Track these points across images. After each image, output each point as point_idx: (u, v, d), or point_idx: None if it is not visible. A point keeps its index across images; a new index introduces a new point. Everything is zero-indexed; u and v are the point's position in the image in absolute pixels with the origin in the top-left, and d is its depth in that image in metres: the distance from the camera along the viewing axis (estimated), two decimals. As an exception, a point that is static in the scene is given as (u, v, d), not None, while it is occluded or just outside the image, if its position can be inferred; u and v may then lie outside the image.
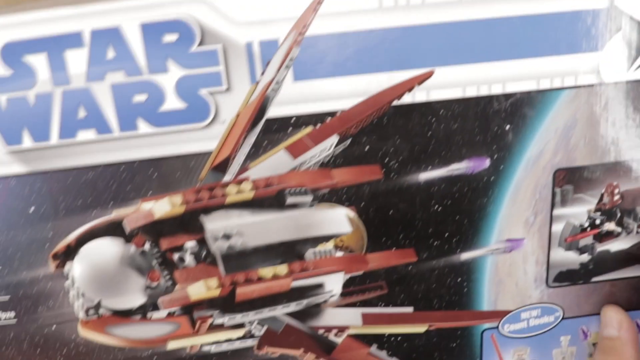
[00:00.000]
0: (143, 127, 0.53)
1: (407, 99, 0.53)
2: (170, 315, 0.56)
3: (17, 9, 0.51)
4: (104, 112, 0.52)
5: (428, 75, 0.53)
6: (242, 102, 0.53)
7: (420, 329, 0.59)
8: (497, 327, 0.59)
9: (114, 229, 0.56)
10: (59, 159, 0.53)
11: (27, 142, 0.52)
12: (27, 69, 0.51)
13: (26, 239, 0.55)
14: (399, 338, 0.59)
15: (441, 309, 0.58)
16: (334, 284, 0.57)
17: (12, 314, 0.57)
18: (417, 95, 0.53)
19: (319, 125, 0.54)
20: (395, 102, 0.53)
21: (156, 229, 0.56)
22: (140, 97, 0.52)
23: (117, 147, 0.53)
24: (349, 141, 0.54)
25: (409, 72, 0.52)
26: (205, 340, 0.57)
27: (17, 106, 0.52)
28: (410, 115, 0.54)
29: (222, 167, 0.54)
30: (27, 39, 0.51)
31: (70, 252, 0.56)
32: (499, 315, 0.59)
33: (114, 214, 0.55)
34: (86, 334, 0.56)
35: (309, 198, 0.55)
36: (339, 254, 0.57)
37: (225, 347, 0.58)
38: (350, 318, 0.58)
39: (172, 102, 0.52)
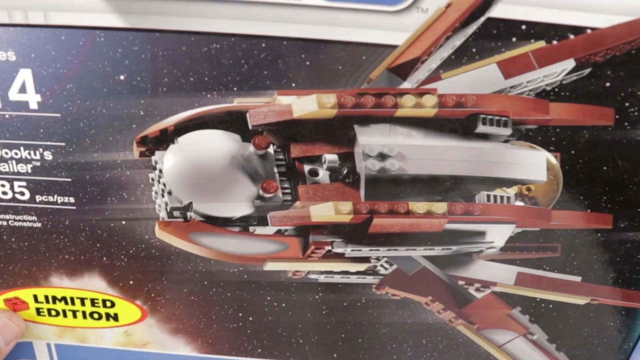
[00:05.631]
0: None
1: None
2: (278, 233, 0.50)
3: None
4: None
5: None
6: None
7: (580, 301, 0.55)
8: (671, 315, 0.56)
9: (230, 122, 0.47)
10: (174, 17, 0.42)
11: (135, -14, 0.40)
12: None
13: (108, 113, 0.46)
14: (550, 306, 0.55)
15: (615, 285, 0.53)
16: (498, 235, 0.51)
17: (71, 199, 0.49)
18: None
19: (554, 41, 0.44)
20: None
21: (290, 131, 0.48)
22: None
23: (260, 15, 0.42)
24: (587, 71, 0.45)
25: None
26: (315, 268, 0.52)
27: None
28: None
29: (404, 69, 0.45)
30: None
31: (164, 139, 0.48)
32: (679, 303, 0.55)
33: (236, 103, 0.46)
34: (164, 236, 0.50)
35: (507, 131, 0.47)
36: (519, 203, 0.50)
37: (337, 279, 0.53)
38: (502, 275, 0.53)
39: (360, -31, 0.40)
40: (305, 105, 0.45)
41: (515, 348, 0.57)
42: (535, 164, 0.49)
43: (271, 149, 0.48)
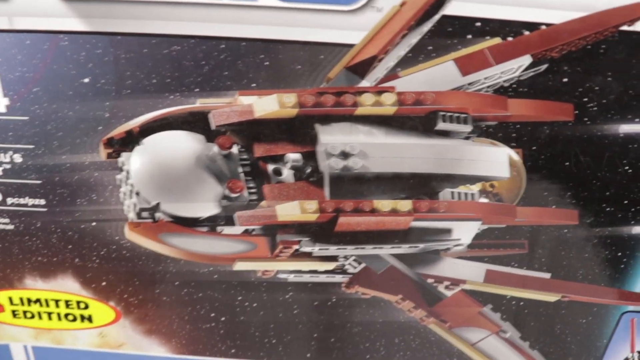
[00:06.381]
0: None
1: None
2: (246, 232, 0.51)
3: None
4: (212, -33, 0.41)
5: None
6: None
7: (550, 298, 0.55)
8: (644, 312, 0.57)
9: (194, 122, 0.48)
10: (135, 21, 0.44)
11: (94, -10, 0.42)
12: None
13: (75, 115, 0.47)
14: (521, 303, 0.56)
15: (585, 281, 0.54)
16: (464, 232, 0.52)
17: (41, 201, 0.50)
18: None
19: (510, 38, 0.45)
20: (625, 28, 0.45)
21: (252, 131, 0.49)
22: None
23: (221, 17, 0.44)
24: (543, 67, 0.46)
25: (660, -10, 0.43)
26: (283, 267, 0.53)
27: None
28: (638, 49, 0.45)
29: (362, 68, 0.46)
30: None
31: (130, 141, 0.49)
32: (653, 299, 0.56)
33: (198, 104, 0.47)
34: (133, 237, 0.51)
35: (467, 128, 0.48)
36: (484, 200, 0.51)
37: (306, 278, 0.54)
38: (471, 272, 0.54)
39: (314, -31, 0.42)
40: (267, 105, 0.46)
41: (488, 346, 0.58)
42: (497, 160, 0.49)
43: (235, 149, 0.49)
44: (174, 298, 0.55)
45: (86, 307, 0.56)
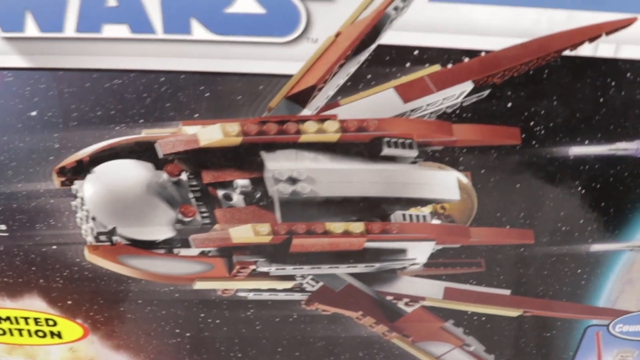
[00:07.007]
0: (199, 31, 0.42)
1: (585, 51, 0.44)
2: (202, 254, 0.52)
3: None
4: (143, 4, 0.41)
5: (627, 23, 0.43)
6: (348, 17, 0.43)
7: (512, 313, 0.55)
8: (608, 326, 0.56)
9: (141, 152, 0.49)
10: (74, 57, 0.44)
11: (31, 30, 0.42)
12: None
13: (25, 146, 0.48)
14: (483, 318, 0.56)
15: (546, 297, 0.54)
16: (419, 252, 0.52)
17: (2, 226, 0.52)
18: (601, 49, 0.44)
19: (450, 65, 0.44)
20: (567, 53, 0.44)
21: (198, 159, 0.49)
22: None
23: (157, 51, 0.44)
24: (486, 93, 0.45)
25: (599, 15, 0.42)
26: (242, 286, 0.54)
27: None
28: (582, 73, 0.45)
29: (302, 97, 0.46)
30: None
31: (81, 170, 0.49)
32: (614, 314, 0.56)
33: (144, 134, 0.48)
34: (94, 259, 0.52)
35: (413, 153, 0.48)
36: (436, 221, 0.51)
37: (266, 296, 0.55)
38: (430, 290, 0.55)
39: (245, 3, 0.42)
40: (211, 134, 0.47)
41: (453, 359, 0.58)
42: (446, 183, 0.49)
43: (184, 176, 0.50)
44: (138, 315, 0.57)
45: (55, 324, 0.58)
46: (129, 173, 0.50)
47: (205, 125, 0.47)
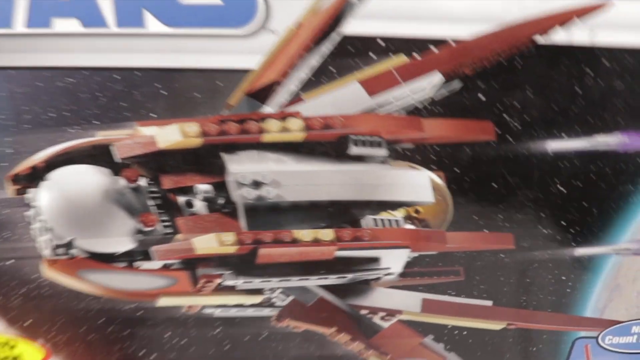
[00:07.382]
0: (153, 24, 0.41)
1: (558, 37, 0.43)
2: (165, 267, 0.49)
3: None
4: (94, -4, 0.40)
5: (600, 7, 0.41)
6: (308, 6, 0.42)
7: (495, 326, 0.53)
8: (597, 338, 0.53)
9: (96, 156, 0.47)
10: (24, 54, 0.43)
11: (-24, 25, 0.41)
12: None
13: (-26, 153, 0.46)
14: (465, 332, 0.53)
15: (529, 308, 0.52)
16: (393, 260, 0.49)
17: (-50, 241, 0.50)
18: (576, 35, 0.42)
19: (416, 55, 0.43)
20: (540, 40, 0.43)
21: (157, 162, 0.47)
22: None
23: (110, 47, 0.43)
24: (457, 86, 0.43)
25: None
26: (208, 302, 0.51)
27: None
28: (557, 61, 0.44)
29: (263, 93, 0.45)
30: None
31: (35, 176, 0.47)
32: (603, 324, 0.53)
33: (99, 137, 0.46)
34: (51, 275, 0.49)
35: (382, 152, 0.46)
36: (409, 226, 0.49)
37: (234, 312, 0.52)
38: (407, 302, 0.52)
39: (200, -7, 0.40)
40: (169, 135, 0.45)
41: (436, 377, 0.56)
42: (418, 184, 0.47)
43: (143, 182, 0.47)
44: (100, 336, 0.54)
45: (13, 347, 0.56)
46: (86, 179, 0.48)
47: (162, 126, 0.46)
